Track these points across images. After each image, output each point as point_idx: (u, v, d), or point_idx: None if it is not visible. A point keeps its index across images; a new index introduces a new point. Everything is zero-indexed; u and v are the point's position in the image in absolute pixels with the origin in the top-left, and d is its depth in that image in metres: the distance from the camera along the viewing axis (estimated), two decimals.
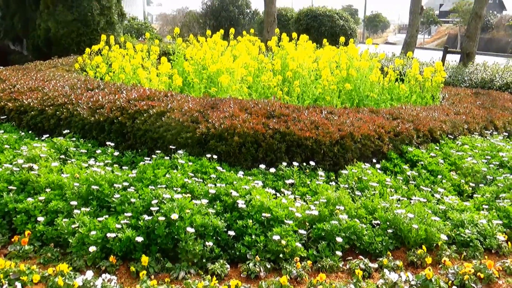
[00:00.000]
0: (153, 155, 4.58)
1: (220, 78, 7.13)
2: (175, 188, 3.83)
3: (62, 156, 4.66)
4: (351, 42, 9.44)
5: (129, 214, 3.47)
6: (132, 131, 4.98)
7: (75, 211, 3.52)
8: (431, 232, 3.57)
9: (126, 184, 3.92)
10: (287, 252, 3.30)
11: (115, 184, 3.86)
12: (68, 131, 5.27)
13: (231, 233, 3.41)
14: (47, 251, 3.31)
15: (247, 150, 4.55)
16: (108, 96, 5.66)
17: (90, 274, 2.97)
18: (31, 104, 5.72)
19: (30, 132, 5.50)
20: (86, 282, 2.90)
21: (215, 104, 5.44)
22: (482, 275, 3.19)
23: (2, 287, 2.88)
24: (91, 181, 3.84)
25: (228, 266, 3.24)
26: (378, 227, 3.70)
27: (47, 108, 5.56)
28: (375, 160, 4.94)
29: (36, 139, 5.22)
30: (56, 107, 5.54)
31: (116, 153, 4.75)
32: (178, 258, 3.25)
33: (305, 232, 3.51)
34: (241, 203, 3.64)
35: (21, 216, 3.55)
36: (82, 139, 5.09)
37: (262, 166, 4.46)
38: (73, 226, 3.38)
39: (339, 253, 3.39)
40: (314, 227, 3.59)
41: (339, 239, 3.45)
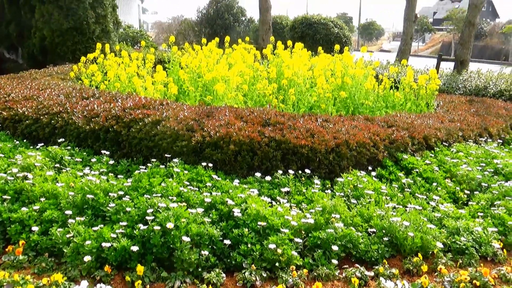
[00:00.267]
0: (148, 164, 4.57)
1: (215, 86, 7.14)
2: (170, 197, 3.82)
3: (57, 165, 4.64)
4: (346, 49, 9.48)
5: (124, 223, 3.45)
6: (127, 140, 4.98)
7: (70, 220, 3.50)
8: (426, 240, 3.58)
9: (121, 193, 3.90)
10: (283, 261, 3.30)
11: (110, 193, 3.84)
12: (63, 139, 5.26)
13: (227, 242, 3.40)
14: (41, 261, 3.28)
15: (243, 158, 4.56)
16: (104, 105, 5.65)
17: (85, 284, 2.95)
18: (26, 113, 5.71)
19: (25, 141, 5.48)
20: None
21: (210, 112, 5.45)
22: (478, 283, 3.20)
23: None
24: (86, 190, 3.83)
25: (224, 275, 3.22)
26: (374, 235, 3.70)
27: (42, 117, 5.55)
28: (370, 168, 4.95)
29: (31, 148, 5.20)
30: (51, 116, 5.53)
31: (111, 161, 4.74)
32: (174, 267, 3.23)
33: (301, 240, 3.51)
34: (236, 212, 3.63)
35: (15, 226, 3.52)
36: (77, 148, 5.08)
37: (258, 174, 4.46)
38: (67, 235, 3.36)
39: (335, 261, 3.39)
40: (310, 235, 3.58)
41: (335, 248, 3.44)
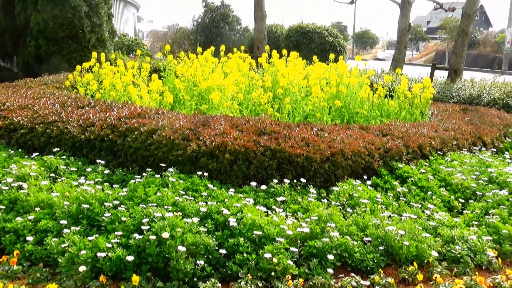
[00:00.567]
0: (144, 173, 4.57)
1: (211, 95, 7.16)
2: (166, 207, 3.82)
3: (52, 175, 4.63)
4: (341, 58, 9.56)
5: (119, 233, 3.44)
6: (123, 149, 4.97)
7: (65, 230, 3.48)
8: (422, 249, 3.58)
9: (116, 202, 3.89)
10: (278, 270, 3.29)
11: (105, 203, 3.83)
12: (58, 149, 5.24)
13: (223, 251, 3.39)
14: (36, 271, 3.26)
15: (238, 168, 4.56)
16: (99, 114, 5.65)
17: None
18: (21, 122, 5.70)
19: (20, 150, 5.46)
20: None
21: (206, 121, 5.46)
22: None
23: None
24: (81, 199, 3.82)
25: (219, 285, 3.21)
26: (369, 244, 3.71)
27: (37, 126, 5.53)
28: (365, 177, 4.96)
29: (26, 157, 5.18)
30: (46, 125, 5.52)
31: (107, 171, 4.72)
32: (169, 277, 3.22)
33: (296, 249, 3.51)
34: (232, 221, 3.63)
35: (10, 236, 3.51)
36: (72, 157, 5.06)
37: (253, 184, 4.47)
38: (62, 245, 3.34)
39: (330, 270, 3.38)
40: (305, 244, 3.58)
41: (330, 257, 3.44)
